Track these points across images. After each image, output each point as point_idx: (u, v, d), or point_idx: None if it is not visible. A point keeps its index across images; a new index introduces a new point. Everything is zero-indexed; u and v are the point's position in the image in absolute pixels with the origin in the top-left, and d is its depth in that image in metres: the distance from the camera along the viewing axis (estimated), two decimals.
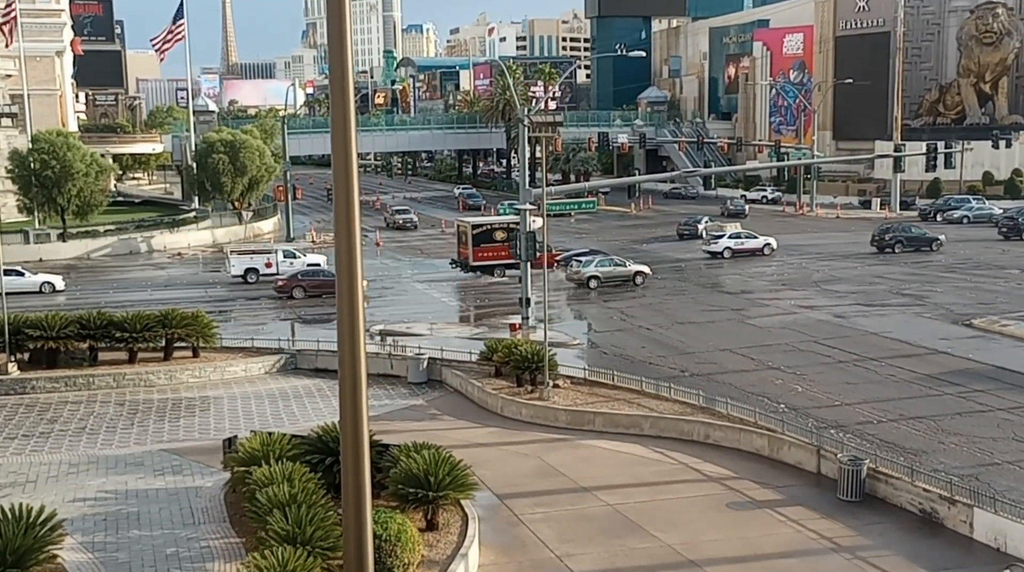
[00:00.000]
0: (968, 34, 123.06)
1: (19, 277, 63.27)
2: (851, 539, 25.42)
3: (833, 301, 57.79)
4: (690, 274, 69.24)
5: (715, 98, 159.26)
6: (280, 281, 62.44)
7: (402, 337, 48.78)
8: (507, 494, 28.38)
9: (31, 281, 64.63)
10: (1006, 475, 29.76)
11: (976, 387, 39.11)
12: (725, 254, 74.95)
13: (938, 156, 75.94)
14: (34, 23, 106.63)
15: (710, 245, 76.34)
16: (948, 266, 69.59)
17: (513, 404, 36.50)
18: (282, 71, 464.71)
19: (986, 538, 25.00)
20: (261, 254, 69.51)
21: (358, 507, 9.85)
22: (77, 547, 23.80)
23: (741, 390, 38.71)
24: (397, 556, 21.40)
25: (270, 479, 23.47)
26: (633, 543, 25.05)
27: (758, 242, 76.10)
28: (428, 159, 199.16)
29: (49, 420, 36.13)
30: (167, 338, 42.21)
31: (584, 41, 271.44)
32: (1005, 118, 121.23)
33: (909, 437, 33.36)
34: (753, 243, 75.97)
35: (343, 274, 9.43)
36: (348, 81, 9.19)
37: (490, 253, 67.57)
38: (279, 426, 33.47)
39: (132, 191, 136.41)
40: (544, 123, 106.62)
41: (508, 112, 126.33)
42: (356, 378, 9.55)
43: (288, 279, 62.15)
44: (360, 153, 11.26)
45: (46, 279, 65.71)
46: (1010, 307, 54.17)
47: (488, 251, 67.66)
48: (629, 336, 50.00)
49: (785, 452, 30.92)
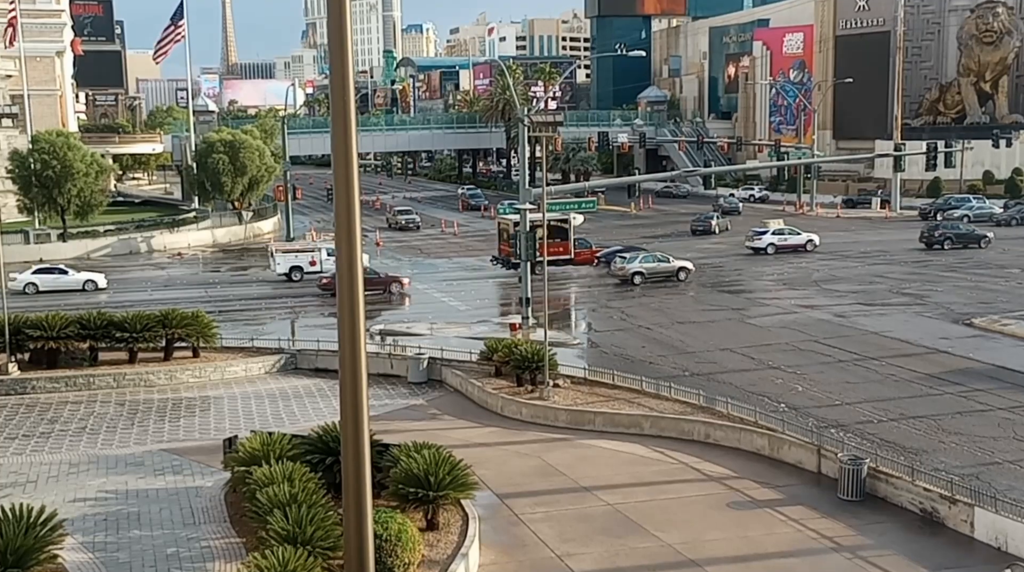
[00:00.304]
0: (968, 33, 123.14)
1: (63, 275, 65.18)
2: (852, 538, 25.46)
3: (833, 300, 57.83)
4: (733, 269, 70.01)
5: (715, 97, 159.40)
6: (324, 279, 62.82)
7: (402, 337, 48.85)
8: (507, 494, 28.43)
9: (74, 279, 65.43)
10: (1007, 474, 29.78)
11: (977, 386, 39.13)
12: (769, 250, 75.77)
13: (938, 155, 75.96)
14: (34, 24, 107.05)
15: (754, 241, 77.27)
16: (997, 262, 70.31)
17: (513, 404, 36.54)
18: (282, 71, 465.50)
19: (987, 537, 25.04)
20: (305, 252, 69.76)
21: (359, 507, 9.85)
22: (78, 547, 23.86)
23: (741, 389, 38.74)
24: (398, 556, 21.46)
25: (270, 479, 23.53)
26: (634, 542, 25.08)
27: (801, 238, 77.27)
28: (428, 159, 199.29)
29: (49, 420, 36.20)
30: (167, 338, 42.28)
31: (584, 41, 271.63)
32: (1005, 117, 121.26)
33: (909, 436, 33.38)
34: (796, 239, 77.17)
35: (344, 273, 9.41)
36: (348, 81, 9.19)
37: None
38: (279, 426, 33.56)
39: (132, 191, 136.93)
40: (544, 123, 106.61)
41: (508, 112, 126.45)
42: (357, 378, 9.55)
43: (332, 277, 62.61)
44: (360, 153, 11.24)
45: (89, 277, 66.29)
46: (1010, 306, 54.18)
47: None
48: (629, 335, 50.04)
49: (785, 451, 30.96)
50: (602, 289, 63.07)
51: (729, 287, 63.39)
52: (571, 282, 66.00)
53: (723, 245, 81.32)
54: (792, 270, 68.65)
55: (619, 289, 62.88)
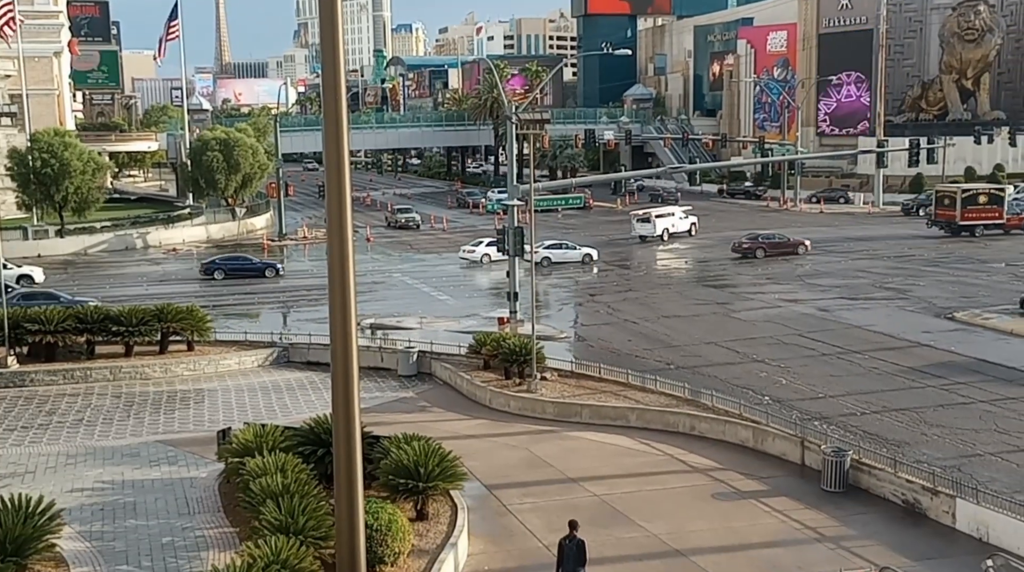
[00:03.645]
0: (950, 31, 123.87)
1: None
2: (835, 529, 25.74)
3: (816, 294, 58.34)
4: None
5: (700, 95, 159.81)
6: None
7: (392, 330, 49.22)
8: (496, 484, 28.71)
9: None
10: (988, 466, 30.11)
11: (958, 379, 39.57)
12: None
13: (920, 152, 76.90)
14: (33, 25, 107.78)
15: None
16: (979, 257, 71.05)
17: (501, 396, 36.87)
18: (274, 70, 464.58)
19: (968, 528, 25.28)
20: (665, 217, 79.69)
21: (350, 497, 10.19)
22: (75, 536, 24.07)
23: (726, 382, 39.11)
24: (388, 545, 21.62)
25: (263, 470, 23.72)
26: (620, 533, 25.33)
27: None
28: (417, 156, 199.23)
29: (48, 412, 36.46)
30: (162, 332, 42.65)
31: (571, 40, 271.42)
32: (987, 114, 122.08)
33: (892, 429, 33.75)
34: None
35: (335, 268, 9.74)
36: (340, 79, 9.54)
37: (975, 214, 79.72)
38: (272, 418, 33.79)
39: (128, 188, 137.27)
40: (531, 120, 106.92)
41: (496, 110, 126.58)
42: (348, 371, 9.86)
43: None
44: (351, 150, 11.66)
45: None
46: (992, 300, 54.69)
47: (974, 213, 79.66)
48: (616, 329, 50.43)
49: (770, 443, 31.30)
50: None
51: (714, 282, 63.84)
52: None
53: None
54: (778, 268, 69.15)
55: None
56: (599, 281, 65.38)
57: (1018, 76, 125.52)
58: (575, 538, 21.71)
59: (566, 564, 21.69)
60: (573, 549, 21.64)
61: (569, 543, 21.70)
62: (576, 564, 21.63)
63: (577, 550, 21.61)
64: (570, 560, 21.64)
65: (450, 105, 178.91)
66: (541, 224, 74.55)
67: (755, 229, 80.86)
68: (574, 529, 21.85)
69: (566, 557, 21.68)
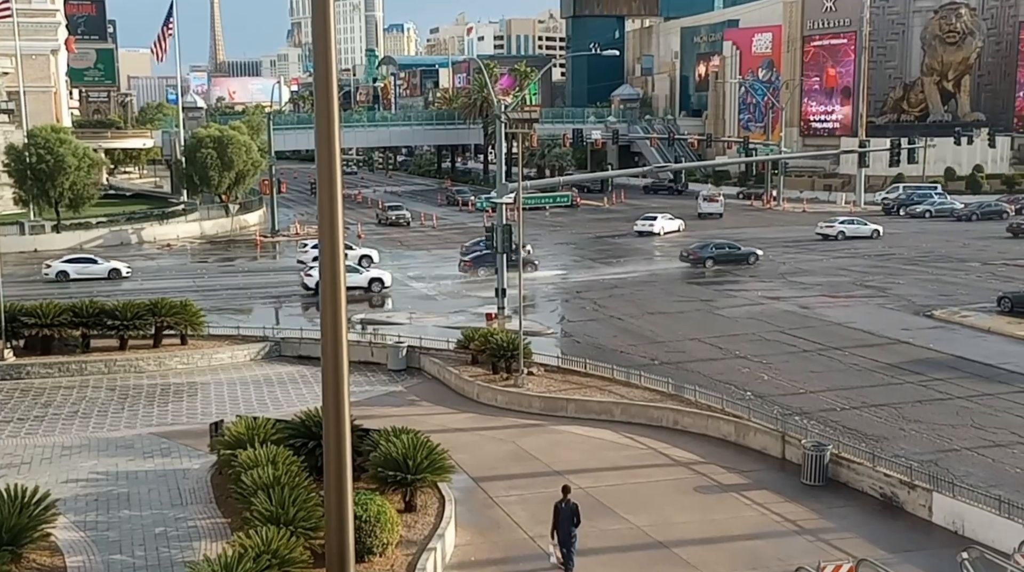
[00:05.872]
0: (932, 34, 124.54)
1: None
2: (814, 522, 26.06)
3: (798, 292, 58.91)
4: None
5: (686, 96, 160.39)
6: None
7: (382, 325, 49.63)
8: (483, 477, 28.98)
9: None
10: (964, 461, 30.55)
11: (936, 376, 40.09)
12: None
13: (902, 152, 77.58)
14: (30, 23, 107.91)
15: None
16: (957, 256, 71.89)
17: (489, 391, 37.21)
18: (268, 69, 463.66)
19: (945, 521, 25.60)
20: None
21: (340, 489, 10.52)
22: (70, 526, 24.33)
23: (709, 378, 39.52)
24: (376, 536, 21.90)
25: (255, 462, 23.94)
26: (604, 525, 25.55)
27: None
28: (408, 154, 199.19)
29: (43, 404, 36.72)
30: (157, 326, 42.98)
31: (560, 40, 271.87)
32: (967, 115, 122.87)
33: (871, 424, 34.19)
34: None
35: (327, 264, 10.13)
36: (332, 78, 9.92)
37: None
38: (263, 411, 33.99)
39: (123, 185, 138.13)
40: (520, 119, 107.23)
41: (486, 109, 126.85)
42: (338, 365, 10.17)
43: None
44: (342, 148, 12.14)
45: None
46: (970, 298, 55.36)
47: None
48: (601, 325, 50.87)
49: (751, 438, 31.65)
50: None
51: (697, 279, 64.38)
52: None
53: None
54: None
55: None
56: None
57: (998, 79, 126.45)
58: (569, 501, 23.00)
59: (562, 525, 22.85)
60: (568, 511, 22.86)
61: (564, 506, 22.93)
62: (570, 524, 22.85)
63: (571, 512, 22.86)
64: (565, 521, 22.83)
65: (441, 104, 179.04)
66: (529, 222, 74.78)
67: (729, 231, 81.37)
68: (567, 493, 23.21)
69: (561, 518, 22.85)
